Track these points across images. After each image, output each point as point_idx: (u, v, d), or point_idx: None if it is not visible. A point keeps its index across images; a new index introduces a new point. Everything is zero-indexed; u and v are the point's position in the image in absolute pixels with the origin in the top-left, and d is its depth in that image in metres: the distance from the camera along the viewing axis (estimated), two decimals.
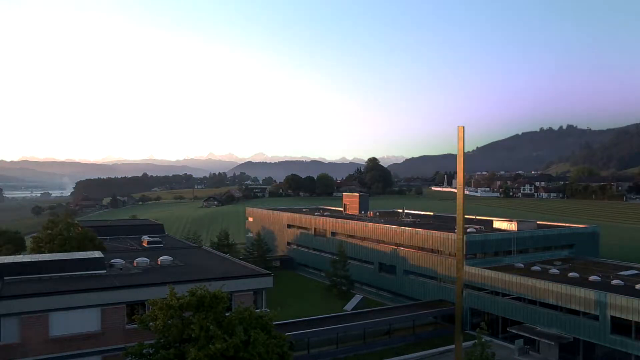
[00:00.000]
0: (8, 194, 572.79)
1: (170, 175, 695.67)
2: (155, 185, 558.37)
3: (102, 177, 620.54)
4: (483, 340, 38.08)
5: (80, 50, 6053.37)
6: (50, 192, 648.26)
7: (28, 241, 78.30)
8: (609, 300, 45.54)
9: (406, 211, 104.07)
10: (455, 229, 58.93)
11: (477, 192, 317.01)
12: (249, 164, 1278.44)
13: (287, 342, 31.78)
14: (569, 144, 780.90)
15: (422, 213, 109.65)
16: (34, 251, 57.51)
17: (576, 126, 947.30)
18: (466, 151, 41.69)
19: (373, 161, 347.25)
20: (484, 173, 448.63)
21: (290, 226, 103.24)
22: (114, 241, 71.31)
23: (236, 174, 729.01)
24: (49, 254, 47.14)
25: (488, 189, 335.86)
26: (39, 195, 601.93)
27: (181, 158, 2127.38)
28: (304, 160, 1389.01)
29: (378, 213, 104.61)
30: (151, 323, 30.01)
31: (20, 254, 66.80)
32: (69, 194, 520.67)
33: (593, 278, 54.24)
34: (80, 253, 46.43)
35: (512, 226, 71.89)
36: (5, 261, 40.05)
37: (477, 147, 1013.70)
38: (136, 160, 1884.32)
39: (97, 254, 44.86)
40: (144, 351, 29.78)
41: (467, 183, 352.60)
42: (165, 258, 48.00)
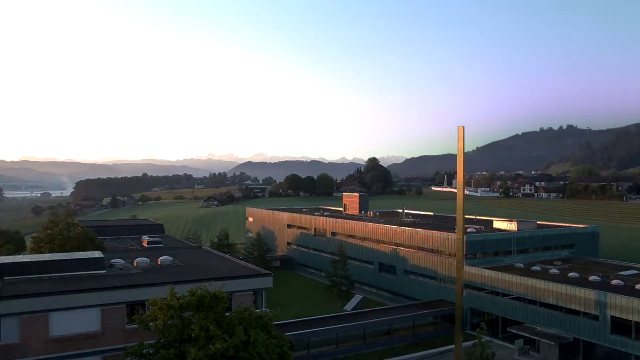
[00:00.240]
0: (8, 194, 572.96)
1: (170, 175, 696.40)
2: (155, 185, 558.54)
3: (102, 177, 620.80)
4: (483, 340, 38.07)
5: (80, 50, 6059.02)
6: (50, 192, 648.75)
7: (28, 241, 78.29)
8: (609, 300, 45.54)
9: (406, 211, 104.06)
10: (455, 229, 58.92)
11: (477, 192, 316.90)
12: (249, 164, 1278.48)
13: (287, 342, 31.78)
14: (569, 144, 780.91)
15: (422, 213, 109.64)
16: (34, 251, 57.58)
17: (576, 126, 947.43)
18: (466, 151, 41.67)
19: (373, 161, 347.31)
20: (484, 173, 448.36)
21: (290, 226, 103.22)
22: (114, 241, 71.34)
23: (236, 174, 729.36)
24: (49, 254, 47.17)
25: (488, 189, 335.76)
26: (39, 195, 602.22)
27: (181, 158, 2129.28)
28: (304, 160, 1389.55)
29: (378, 213, 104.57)
30: (151, 323, 30.02)
31: (20, 254, 66.80)
32: (69, 194, 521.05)
33: (593, 278, 54.26)
34: (80, 253, 46.47)
35: (512, 226, 71.90)
36: (5, 261, 40.06)
37: (477, 147, 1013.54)
38: (136, 160, 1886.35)
39: (97, 254, 44.88)
40: (144, 351, 29.79)
41: (467, 183, 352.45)
42: (165, 258, 48.01)
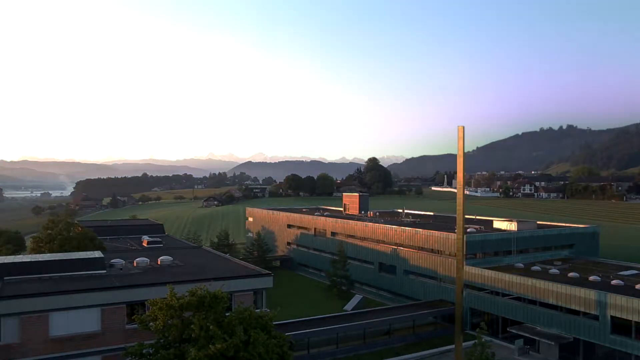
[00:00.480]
0: (8, 194, 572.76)
1: (170, 175, 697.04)
2: (155, 185, 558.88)
3: (102, 177, 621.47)
4: (483, 340, 38.09)
5: (80, 49, 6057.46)
6: (50, 192, 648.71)
7: (28, 241, 78.34)
8: (609, 300, 45.51)
9: (406, 211, 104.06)
10: (455, 229, 58.91)
11: (477, 192, 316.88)
12: (249, 164, 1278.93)
13: (287, 342, 31.78)
14: (569, 144, 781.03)
15: (422, 213, 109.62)
16: (34, 251, 57.59)
17: (576, 126, 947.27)
18: (466, 151, 41.66)
19: (373, 161, 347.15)
20: (484, 173, 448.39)
21: (290, 226, 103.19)
22: (114, 241, 71.36)
23: (236, 174, 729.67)
24: (49, 254, 47.19)
25: (488, 189, 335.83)
26: (39, 195, 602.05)
27: (181, 158, 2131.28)
28: (304, 160, 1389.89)
29: (378, 213, 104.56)
30: (151, 323, 30.03)
31: (20, 254, 66.78)
32: (69, 194, 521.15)
33: (593, 278, 54.23)
34: (80, 253, 46.49)
35: (512, 226, 71.87)
36: (5, 261, 40.10)
37: (477, 147, 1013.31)
38: (136, 160, 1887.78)
39: (97, 254, 44.90)
40: (144, 351, 29.81)
41: (467, 183, 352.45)
42: (165, 258, 48.03)
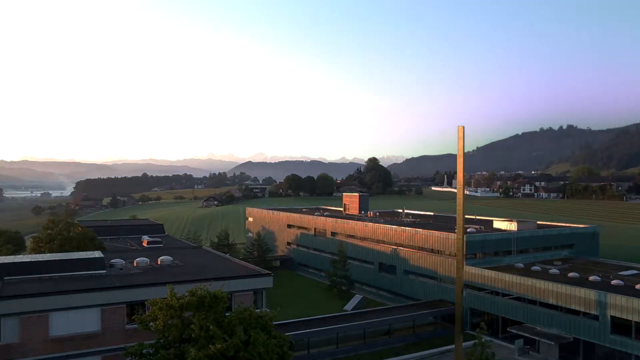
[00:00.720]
0: (8, 194, 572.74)
1: (170, 175, 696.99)
2: (155, 185, 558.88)
3: (102, 177, 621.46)
4: (483, 340, 38.09)
5: (80, 50, 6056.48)
6: (50, 192, 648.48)
7: (28, 241, 78.34)
8: (609, 300, 45.51)
9: (406, 211, 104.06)
10: (455, 229, 58.91)
11: (477, 192, 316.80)
12: (249, 164, 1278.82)
13: (287, 342, 31.78)
14: (569, 144, 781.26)
15: (422, 213, 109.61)
16: (34, 251, 57.58)
17: (576, 126, 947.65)
18: (466, 151, 41.66)
19: (373, 161, 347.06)
20: (484, 173, 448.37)
21: (290, 226, 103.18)
22: (114, 241, 71.37)
23: (236, 174, 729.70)
24: (49, 254, 47.19)
25: (488, 189, 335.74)
26: (39, 195, 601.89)
27: (181, 158, 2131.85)
28: (304, 160, 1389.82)
29: (378, 213, 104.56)
30: (151, 323, 30.03)
31: (20, 254, 66.79)
32: (69, 194, 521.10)
33: (593, 278, 54.23)
34: (80, 253, 46.50)
35: (512, 226, 71.86)
36: (5, 261, 40.10)
37: (477, 147, 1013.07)
38: (136, 160, 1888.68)
39: (97, 254, 44.90)
40: (144, 351, 29.81)
41: (467, 183, 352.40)
42: (165, 258, 48.04)
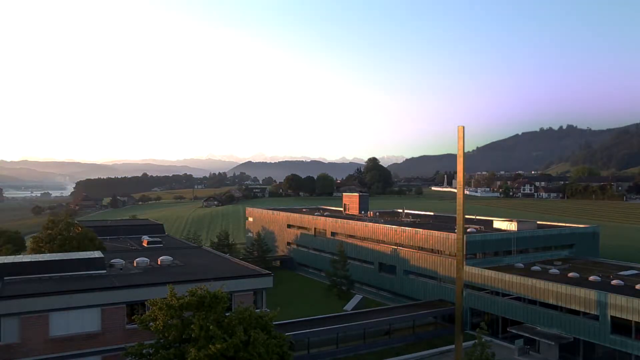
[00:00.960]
0: (8, 194, 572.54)
1: (170, 175, 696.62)
2: (155, 185, 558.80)
3: (102, 177, 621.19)
4: (483, 340, 38.06)
5: (80, 50, 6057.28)
6: (50, 192, 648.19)
7: (28, 241, 78.29)
8: (609, 300, 45.51)
9: (406, 211, 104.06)
10: (455, 229, 58.90)
11: (477, 192, 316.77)
12: (249, 164, 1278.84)
13: (287, 342, 31.81)
14: (569, 144, 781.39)
15: (422, 213, 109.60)
16: (34, 251, 57.55)
17: (576, 126, 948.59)
18: (466, 151, 41.68)
19: (373, 161, 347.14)
20: (484, 173, 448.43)
21: (290, 226, 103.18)
22: (114, 241, 71.36)
23: (236, 174, 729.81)
24: (49, 254, 47.19)
25: (488, 189, 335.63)
26: (39, 195, 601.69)
27: (181, 158, 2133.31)
28: (304, 160, 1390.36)
29: (378, 213, 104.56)
30: (151, 323, 30.03)
31: (20, 254, 66.78)
32: (69, 194, 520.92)
33: (593, 278, 54.21)
34: (80, 253, 46.51)
35: (512, 226, 71.85)
36: (5, 261, 40.09)
37: (477, 147, 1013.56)
38: (136, 160, 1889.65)
39: (97, 254, 44.90)
40: (144, 351, 29.82)
41: (467, 183, 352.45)
42: (165, 258, 48.02)
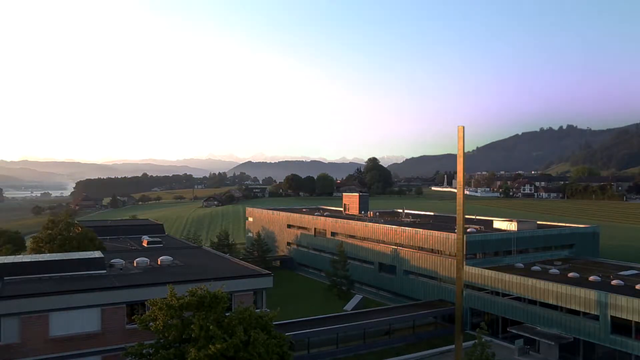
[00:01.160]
0: (8, 194, 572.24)
1: (170, 175, 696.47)
2: (155, 185, 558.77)
3: (102, 177, 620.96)
4: (483, 340, 38.08)
5: (80, 50, 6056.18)
6: (50, 192, 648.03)
7: (28, 241, 78.31)
8: (609, 300, 45.52)
9: (406, 211, 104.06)
10: (455, 229, 58.90)
11: (477, 192, 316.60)
12: (249, 164, 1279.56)
13: (287, 342, 31.79)
14: (569, 144, 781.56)
15: (422, 213, 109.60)
16: (34, 251, 57.59)
17: (576, 126, 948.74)
18: (466, 151, 41.70)
19: (373, 161, 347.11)
20: (484, 173, 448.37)
21: (290, 226, 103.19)
22: (114, 241, 71.38)
23: (236, 174, 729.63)
24: (49, 254, 47.20)
25: (488, 189, 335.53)
26: (39, 195, 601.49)
27: (181, 158, 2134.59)
28: (304, 160, 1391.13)
29: (378, 213, 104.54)
30: (151, 323, 30.02)
31: (20, 254, 66.78)
32: (69, 194, 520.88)
33: (593, 278, 54.21)
34: (80, 253, 46.51)
35: (512, 226, 71.84)
36: (5, 261, 40.08)
37: (477, 147, 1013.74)
38: (136, 160, 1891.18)
39: (97, 254, 44.90)
40: (144, 351, 29.81)
41: (467, 183, 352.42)
42: (165, 258, 48.02)
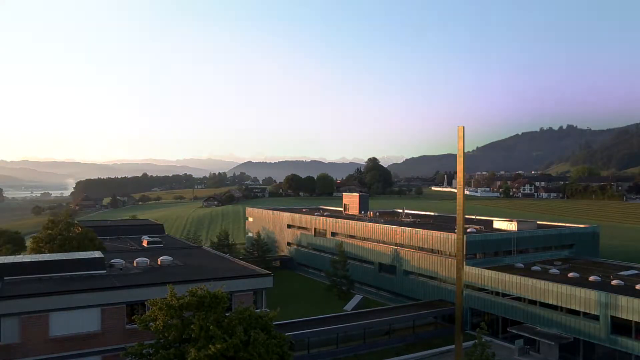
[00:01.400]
0: (8, 194, 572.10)
1: (170, 175, 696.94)
2: (155, 185, 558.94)
3: (102, 177, 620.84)
4: (483, 340, 38.10)
5: (80, 50, 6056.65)
6: (50, 192, 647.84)
7: (28, 241, 78.30)
8: (609, 300, 45.55)
9: (406, 211, 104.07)
10: (455, 229, 58.90)
11: (477, 192, 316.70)
12: (249, 164, 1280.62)
13: (287, 342, 31.78)
14: (569, 144, 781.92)
15: (422, 213, 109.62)
16: (34, 251, 57.56)
17: (576, 126, 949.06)
18: (466, 151, 41.68)
19: (373, 161, 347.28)
20: (484, 173, 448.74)
21: (290, 226, 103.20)
22: (114, 241, 71.39)
23: (236, 174, 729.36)
24: (49, 254, 47.18)
25: (488, 189, 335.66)
26: (39, 195, 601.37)
27: (181, 158, 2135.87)
28: (304, 160, 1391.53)
29: (378, 213, 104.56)
30: (151, 323, 30.01)
31: (20, 254, 66.80)
32: (69, 194, 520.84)
33: (593, 278, 54.23)
34: (80, 253, 46.48)
35: (512, 226, 71.84)
36: (5, 261, 40.07)
37: (477, 147, 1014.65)
38: (136, 160, 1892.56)
39: (97, 254, 44.89)
40: (144, 351, 29.79)
41: (467, 183, 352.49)
42: (165, 258, 48.02)
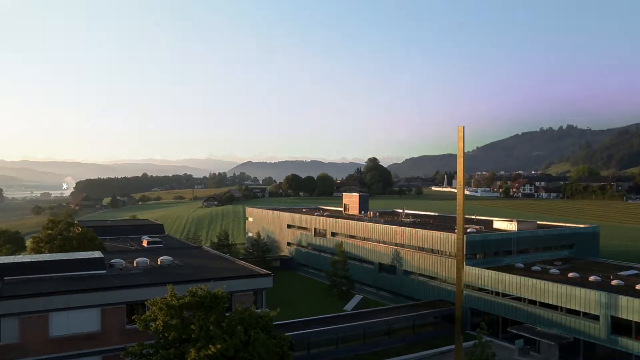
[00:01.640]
0: (8, 194, 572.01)
1: (170, 175, 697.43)
2: (155, 185, 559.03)
3: (102, 177, 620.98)
4: (483, 340, 38.11)
5: (80, 50, 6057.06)
6: (50, 192, 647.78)
7: (28, 241, 78.27)
8: (609, 300, 45.54)
9: (406, 211, 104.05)
10: (455, 229, 58.90)
11: (477, 192, 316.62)
12: (249, 164, 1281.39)
13: (287, 342, 31.77)
14: (569, 144, 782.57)
15: (422, 213, 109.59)
16: (34, 251, 57.61)
17: (576, 126, 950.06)
18: (466, 151, 41.69)
19: (373, 161, 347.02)
20: (484, 173, 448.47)
21: (290, 226, 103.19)
22: (114, 241, 71.41)
23: (236, 174, 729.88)
24: (49, 254, 47.22)
25: (488, 189, 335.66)
26: (39, 195, 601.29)
27: (181, 158, 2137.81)
28: (304, 160, 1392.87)
29: (378, 213, 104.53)
30: (151, 323, 30.01)
31: (20, 254, 66.80)
32: (69, 194, 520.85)
33: (593, 278, 54.20)
34: (80, 253, 46.52)
35: (512, 226, 71.83)
36: (5, 261, 40.09)
37: (477, 147, 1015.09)
38: (136, 160, 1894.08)
39: (97, 254, 44.91)
40: (144, 351, 29.80)
41: (467, 183, 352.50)
42: (165, 258, 48.02)
